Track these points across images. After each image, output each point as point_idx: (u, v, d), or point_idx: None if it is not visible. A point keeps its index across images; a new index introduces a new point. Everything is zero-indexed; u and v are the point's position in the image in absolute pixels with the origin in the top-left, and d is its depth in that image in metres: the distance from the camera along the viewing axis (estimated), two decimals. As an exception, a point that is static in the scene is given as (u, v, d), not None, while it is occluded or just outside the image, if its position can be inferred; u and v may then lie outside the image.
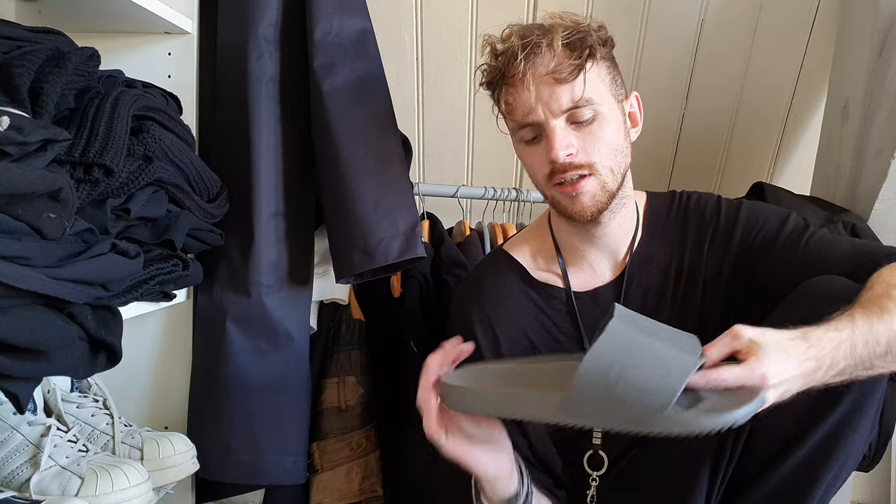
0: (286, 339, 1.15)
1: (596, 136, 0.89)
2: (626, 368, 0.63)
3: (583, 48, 0.87)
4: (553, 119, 0.87)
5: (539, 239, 1.04)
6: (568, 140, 0.88)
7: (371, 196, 1.11)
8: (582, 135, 0.88)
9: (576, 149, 0.88)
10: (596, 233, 0.97)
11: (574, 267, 1.00)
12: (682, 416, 0.62)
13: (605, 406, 0.65)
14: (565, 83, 0.86)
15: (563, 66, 0.86)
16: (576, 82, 0.87)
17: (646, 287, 0.98)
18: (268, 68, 1.13)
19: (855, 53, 1.35)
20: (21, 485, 0.85)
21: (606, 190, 0.91)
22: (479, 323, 0.99)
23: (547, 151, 0.88)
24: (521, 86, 0.88)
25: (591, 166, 0.89)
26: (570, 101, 0.87)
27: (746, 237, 0.94)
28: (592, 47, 0.88)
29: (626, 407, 0.64)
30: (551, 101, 0.87)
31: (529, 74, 0.87)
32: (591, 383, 0.65)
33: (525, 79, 0.87)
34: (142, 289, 0.90)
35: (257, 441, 1.13)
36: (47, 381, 1.00)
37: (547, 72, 0.87)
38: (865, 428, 0.78)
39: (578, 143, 0.88)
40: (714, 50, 1.56)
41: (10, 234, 0.66)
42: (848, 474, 0.82)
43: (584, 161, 0.88)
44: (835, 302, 0.78)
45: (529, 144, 0.92)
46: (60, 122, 0.82)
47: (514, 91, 0.89)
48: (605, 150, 0.89)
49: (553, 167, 0.89)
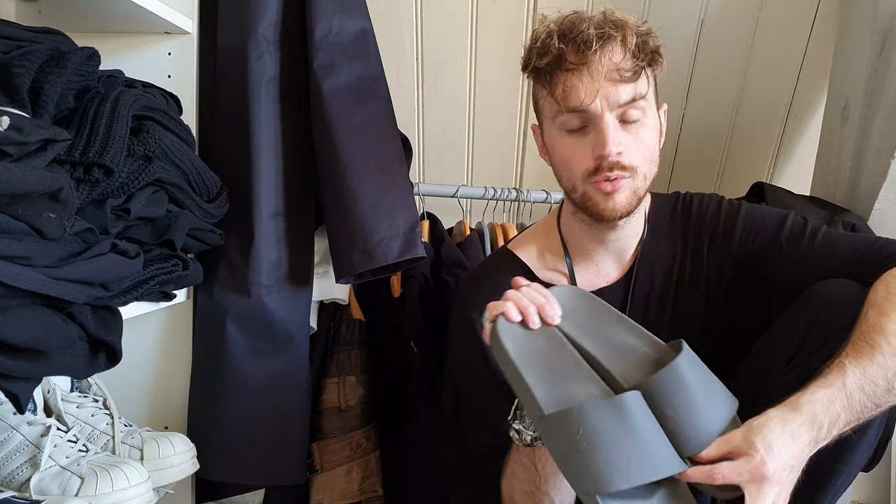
0: (286, 339, 1.15)
1: (640, 140, 0.89)
2: (596, 441, 0.65)
3: (647, 52, 0.88)
4: (608, 113, 0.87)
5: (546, 237, 1.04)
6: (619, 138, 0.87)
7: (371, 196, 1.11)
8: (629, 135, 0.88)
9: (624, 147, 0.87)
10: (610, 235, 0.97)
11: (580, 266, 1.00)
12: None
13: (561, 452, 0.67)
14: (629, 82, 0.86)
15: (630, 64, 0.86)
16: (638, 82, 0.87)
17: (649, 289, 0.98)
18: (268, 68, 1.13)
19: (855, 53, 1.35)
20: (21, 485, 0.85)
21: (637, 196, 0.91)
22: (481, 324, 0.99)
23: (597, 146, 0.87)
24: (585, 74, 0.86)
25: (632, 169, 0.88)
26: (629, 97, 0.86)
27: (745, 240, 0.94)
28: (654, 53, 0.89)
29: (573, 469, 0.66)
30: (611, 95, 0.86)
31: (599, 65, 0.85)
32: (562, 428, 0.67)
33: (592, 68, 0.86)
34: (142, 289, 0.90)
35: (257, 441, 1.13)
36: (47, 381, 1.00)
37: (615, 67, 0.86)
38: (873, 432, 0.78)
39: (626, 142, 0.88)
40: (714, 50, 1.56)
41: (10, 234, 0.66)
42: (854, 477, 0.82)
43: (629, 163, 0.88)
44: (841, 304, 0.78)
45: (571, 134, 0.90)
46: (60, 122, 0.82)
47: (576, 78, 0.87)
48: (646, 154, 0.90)
49: (599, 164, 0.88)
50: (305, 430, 1.20)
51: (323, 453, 1.23)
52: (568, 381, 0.74)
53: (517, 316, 0.77)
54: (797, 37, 1.55)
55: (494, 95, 1.60)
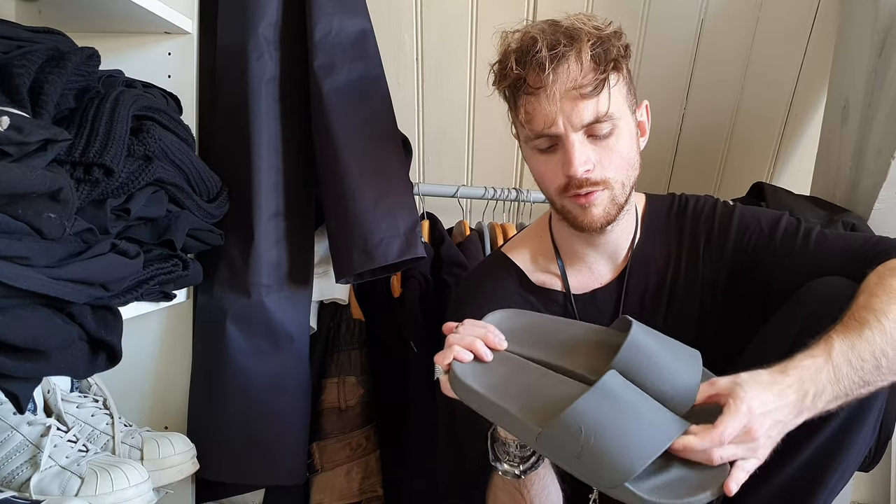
0: (286, 339, 1.15)
1: (612, 151, 0.88)
2: (601, 431, 0.65)
3: (607, 61, 0.86)
4: (573, 133, 0.86)
5: (538, 241, 1.04)
6: (586, 155, 0.87)
7: (371, 196, 1.11)
8: (599, 149, 0.88)
9: (593, 164, 0.87)
10: (599, 239, 0.97)
11: (573, 268, 1.00)
12: (641, 489, 0.64)
13: (571, 458, 0.66)
14: (590, 98, 0.85)
15: (589, 79, 0.85)
16: (600, 97, 0.86)
17: (643, 290, 0.98)
18: (268, 68, 1.13)
19: (855, 53, 1.35)
20: (21, 485, 0.85)
21: (616, 203, 0.91)
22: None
23: (564, 165, 0.87)
24: (543, 96, 0.86)
25: (605, 182, 0.88)
26: (592, 116, 0.86)
27: (740, 241, 0.94)
28: (617, 60, 0.87)
29: (590, 469, 0.65)
30: (573, 115, 0.85)
31: (554, 87, 0.84)
32: (563, 435, 0.66)
33: (550, 91, 0.85)
34: (142, 289, 0.90)
35: (257, 441, 1.13)
36: (47, 381, 1.00)
37: (573, 86, 0.84)
38: (869, 429, 0.78)
39: (595, 157, 0.87)
40: (714, 50, 1.56)
41: (10, 234, 0.66)
42: (850, 476, 0.82)
43: (600, 177, 0.88)
44: (835, 301, 0.78)
45: (543, 153, 0.91)
46: (60, 122, 0.82)
47: (535, 101, 0.87)
48: (619, 164, 0.89)
49: (569, 181, 0.88)
50: (305, 430, 1.20)
51: (323, 453, 1.23)
52: (544, 394, 0.74)
53: (468, 355, 0.77)
54: (797, 37, 1.55)
55: (494, 95, 1.59)
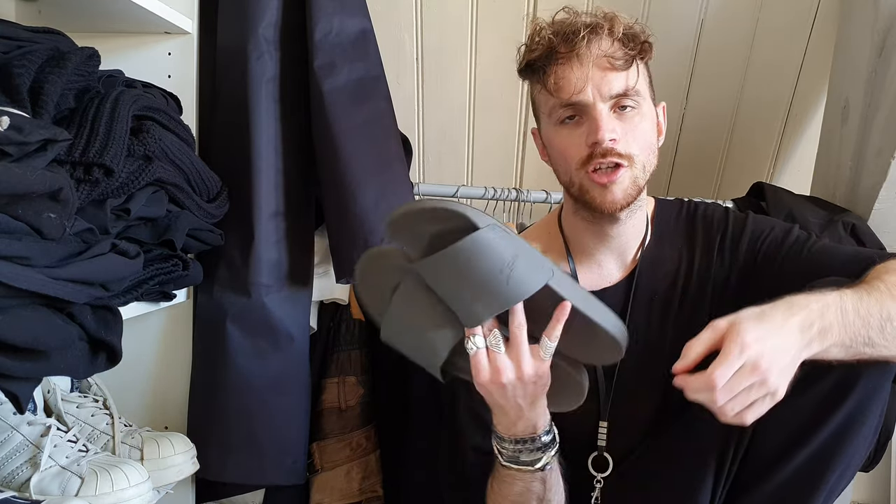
0: (286, 339, 1.15)
1: (637, 129, 0.89)
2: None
3: (637, 43, 0.89)
4: (601, 102, 0.87)
5: (548, 237, 1.04)
6: (613, 125, 0.87)
7: (371, 196, 1.11)
8: (624, 124, 0.88)
9: (618, 136, 0.87)
10: (611, 231, 0.96)
11: (582, 266, 1.00)
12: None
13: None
14: (620, 70, 0.87)
15: (620, 53, 0.87)
16: (629, 72, 0.88)
17: (653, 291, 0.97)
18: (268, 68, 1.13)
19: (855, 53, 1.35)
20: (21, 485, 0.85)
21: (637, 185, 0.90)
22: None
23: (590, 133, 0.87)
24: (575, 62, 0.87)
25: (629, 157, 0.88)
26: (622, 88, 0.87)
27: (754, 245, 0.95)
28: (644, 45, 0.90)
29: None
30: (602, 85, 0.86)
31: (586, 53, 0.87)
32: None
33: (581, 57, 0.87)
34: (142, 289, 0.90)
35: (257, 441, 1.13)
36: (47, 381, 1.00)
37: (604, 55, 0.87)
38: (870, 430, 0.78)
39: (621, 131, 0.88)
40: (714, 50, 1.56)
41: (10, 234, 0.66)
42: (852, 476, 0.83)
43: (625, 150, 0.88)
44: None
45: (565, 125, 0.90)
46: (60, 122, 0.82)
47: (565, 68, 0.88)
48: (643, 143, 0.89)
49: (593, 150, 0.88)
50: (305, 430, 1.20)
51: (323, 453, 1.23)
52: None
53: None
54: (797, 37, 1.55)
55: (494, 95, 1.60)
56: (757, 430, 0.80)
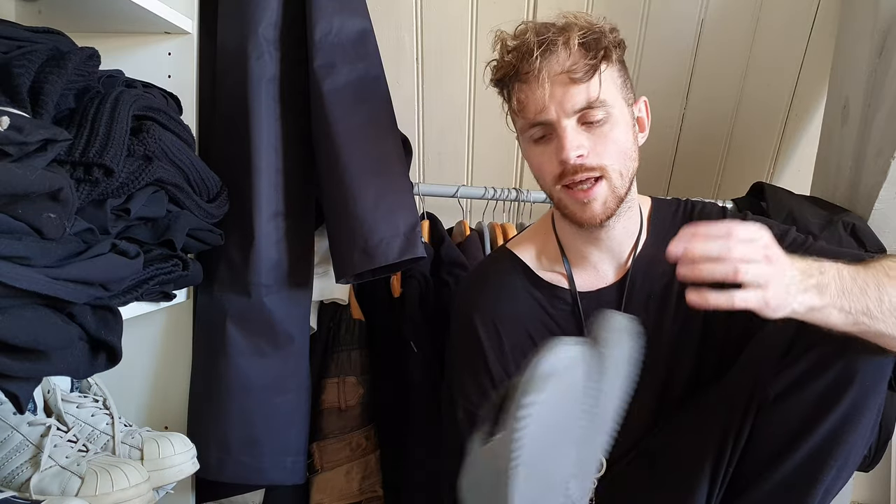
0: (286, 339, 1.15)
1: (607, 138, 0.88)
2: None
3: (598, 49, 0.87)
4: (565, 119, 0.86)
5: (543, 239, 1.04)
6: (579, 141, 0.87)
7: (371, 196, 1.11)
8: (593, 136, 0.88)
9: (587, 150, 0.87)
10: (600, 235, 0.97)
11: (578, 268, 1.00)
12: None
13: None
14: (580, 83, 0.86)
15: (579, 65, 0.86)
16: (590, 83, 0.86)
17: (649, 291, 0.97)
18: (268, 68, 1.13)
19: (855, 53, 1.35)
20: (21, 485, 0.85)
21: (616, 195, 0.90)
22: (482, 325, 0.99)
23: (557, 151, 0.87)
24: (534, 83, 0.87)
25: (602, 169, 0.88)
26: (584, 102, 0.86)
27: None
28: (607, 49, 0.88)
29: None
30: (565, 101, 0.86)
31: (545, 72, 0.86)
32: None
33: (539, 76, 0.86)
34: (142, 289, 0.90)
35: (257, 441, 1.13)
36: (47, 381, 1.00)
37: (562, 70, 0.86)
38: (866, 428, 0.78)
39: (589, 144, 0.87)
40: (714, 50, 1.56)
41: (10, 234, 0.66)
42: (849, 475, 0.82)
43: (595, 163, 0.88)
44: None
45: (538, 144, 0.91)
46: (60, 122, 0.82)
47: (526, 88, 0.88)
48: (615, 152, 0.89)
49: (563, 168, 0.88)
50: (305, 430, 1.20)
51: (323, 453, 1.23)
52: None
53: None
54: (797, 37, 1.55)
55: (494, 95, 1.59)
56: (754, 429, 0.80)
